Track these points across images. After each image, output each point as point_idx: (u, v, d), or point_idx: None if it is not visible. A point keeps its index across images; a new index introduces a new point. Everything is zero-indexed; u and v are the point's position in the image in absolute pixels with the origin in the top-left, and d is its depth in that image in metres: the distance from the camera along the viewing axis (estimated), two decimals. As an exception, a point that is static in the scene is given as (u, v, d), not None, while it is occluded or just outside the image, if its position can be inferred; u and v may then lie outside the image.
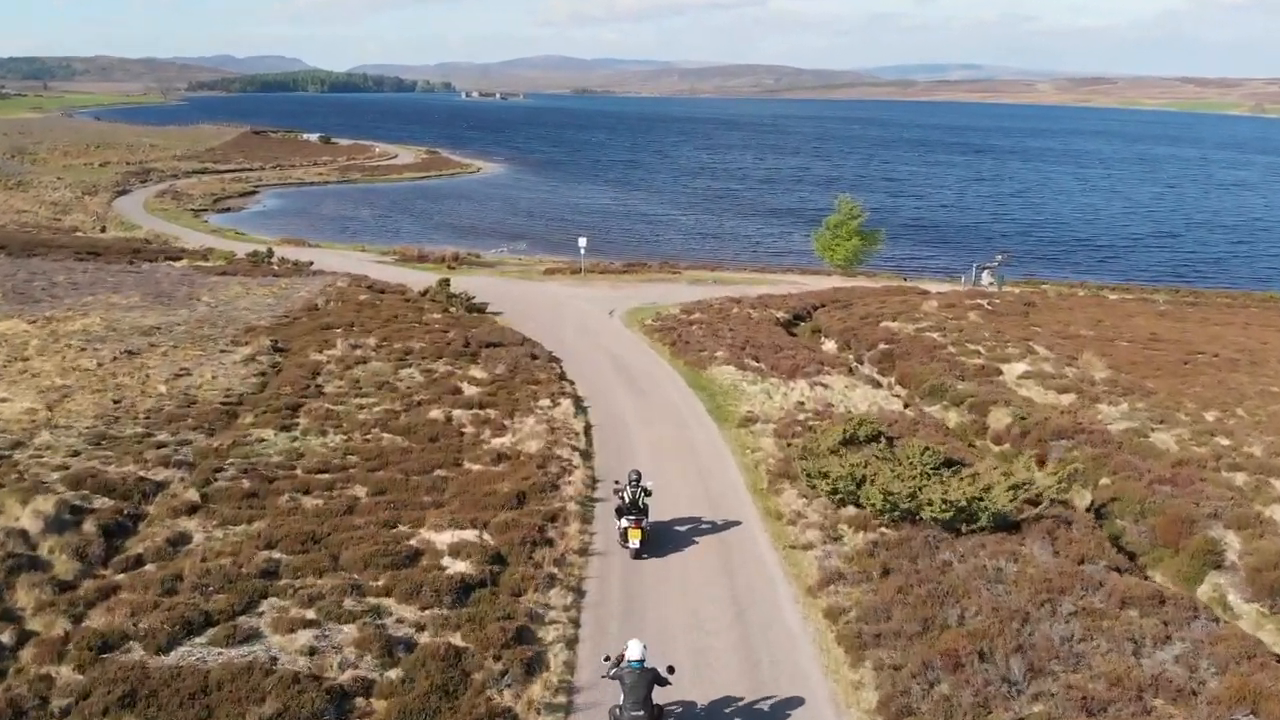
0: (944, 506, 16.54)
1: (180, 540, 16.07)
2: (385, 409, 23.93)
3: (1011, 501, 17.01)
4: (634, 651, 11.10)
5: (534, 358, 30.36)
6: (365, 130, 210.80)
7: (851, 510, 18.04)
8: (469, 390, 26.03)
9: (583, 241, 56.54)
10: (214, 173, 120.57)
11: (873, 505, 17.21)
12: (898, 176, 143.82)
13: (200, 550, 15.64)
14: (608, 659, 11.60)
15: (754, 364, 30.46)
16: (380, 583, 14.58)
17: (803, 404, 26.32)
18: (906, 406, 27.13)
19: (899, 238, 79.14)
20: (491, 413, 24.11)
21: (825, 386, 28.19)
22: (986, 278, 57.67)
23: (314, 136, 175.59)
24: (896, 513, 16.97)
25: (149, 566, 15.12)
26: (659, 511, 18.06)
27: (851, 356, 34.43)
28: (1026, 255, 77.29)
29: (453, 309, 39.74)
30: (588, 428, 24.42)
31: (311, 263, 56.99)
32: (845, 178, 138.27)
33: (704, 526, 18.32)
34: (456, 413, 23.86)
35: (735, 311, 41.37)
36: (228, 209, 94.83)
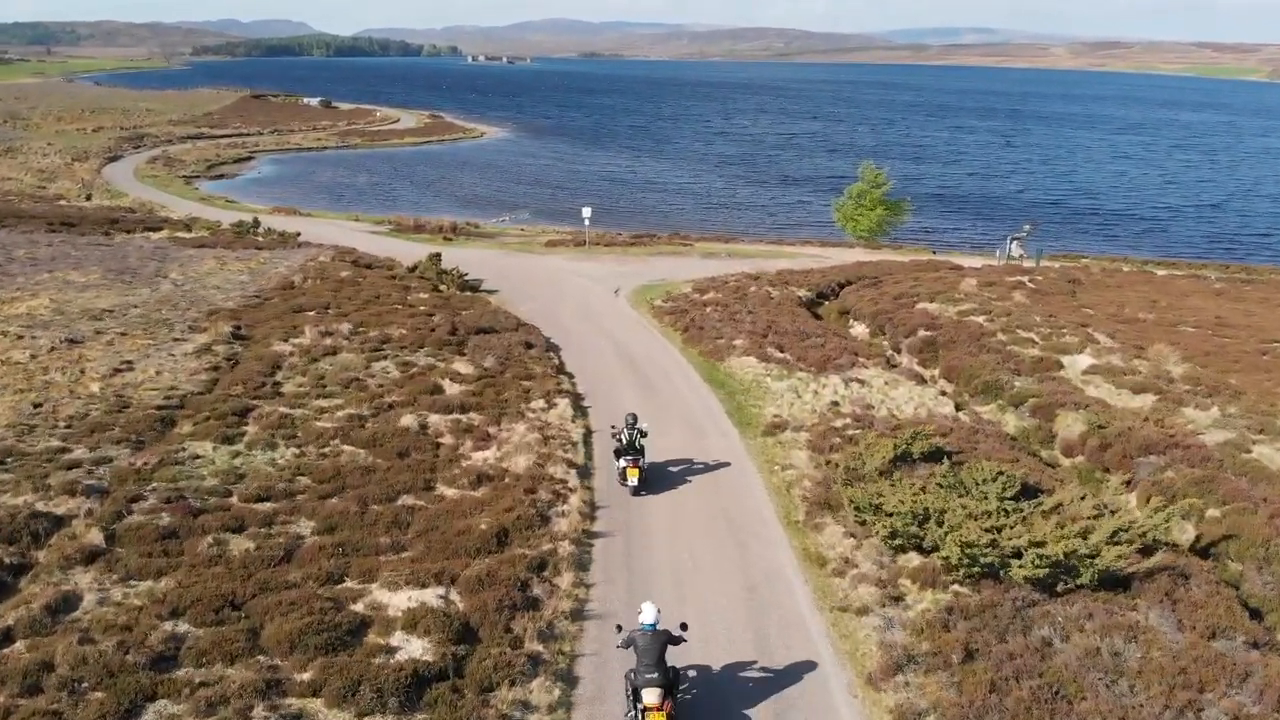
0: (1038, 562, 12.95)
1: (66, 604, 12.62)
2: (350, 414, 20.39)
3: (1120, 558, 13.39)
4: (647, 615, 10.91)
5: (529, 346, 26.76)
6: (369, 95, 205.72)
7: (914, 558, 14.47)
8: (451, 389, 22.45)
9: (587, 212, 52.71)
10: (210, 138, 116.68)
11: (945, 559, 13.62)
12: (919, 143, 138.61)
13: (86, 620, 12.20)
14: (620, 628, 11.39)
15: (778, 354, 26.78)
16: (307, 675, 11.11)
17: (838, 405, 22.66)
18: (959, 409, 23.42)
19: (923, 208, 74.76)
20: (475, 418, 20.56)
21: (862, 383, 24.50)
22: (1016, 249, 53.60)
23: (315, 101, 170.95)
24: (976, 568, 13.38)
25: (17, 646, 11.70)
26: (669, 546, 14.64)
27: (887, 344, 30.70)
28: (1062, 227, 73.01)
29: (443, 287, 36.14)
30: (587, 434, 20.88)
31: (299, 234, 53.46)
32: (863, 144, 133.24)
33: (728, 572, 14.80)
34: (434, 418, 20.31)
35: (753, 290, 37.61)
36: (221, 175, 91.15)
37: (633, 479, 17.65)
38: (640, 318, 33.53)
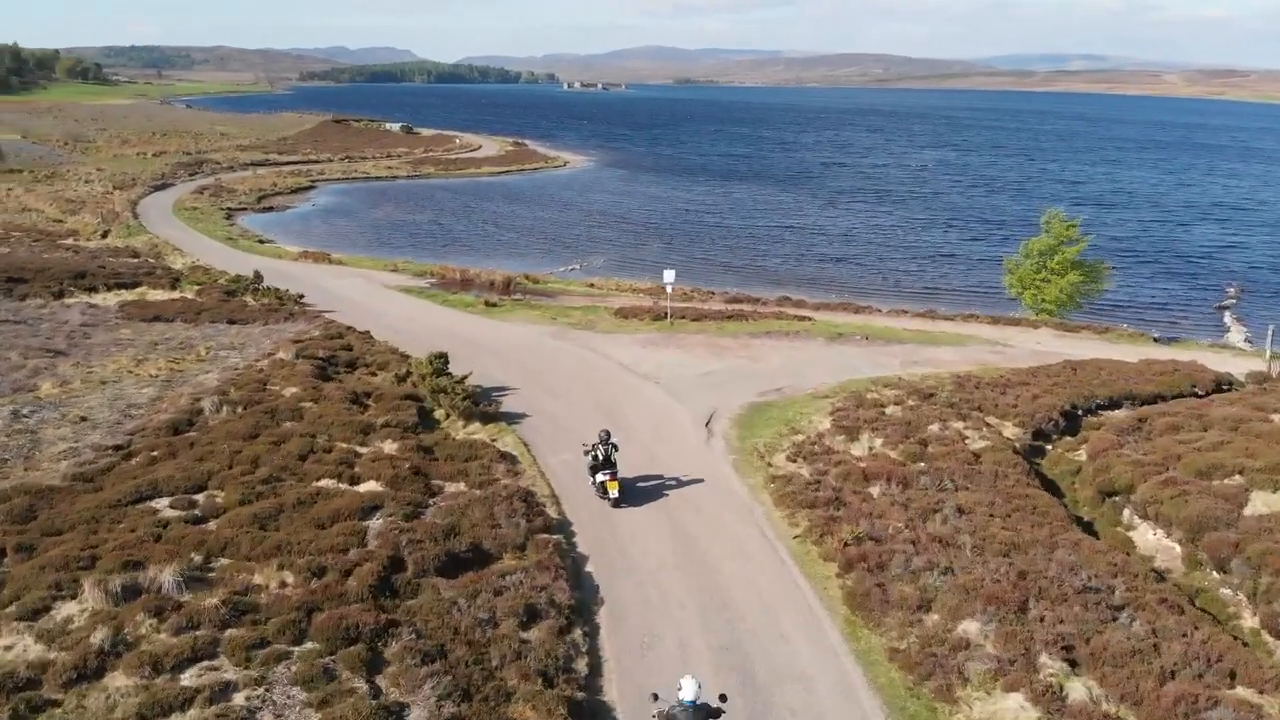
0: None
1: None
2: None
3: None
4: (688, 691, 10.11)
5: (532, 616, 13.17)
6: (460, 120, 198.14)
7: None
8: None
9: (669, 276, 39.34)
10: (275, 164, 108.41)
11: None
12: (1067, 177, 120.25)
13: None
14: (655, 697, 10.45)
15: (1071, 680, 12.37)
16: None
17: None
18: None
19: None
20: None
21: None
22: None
23: (396, 126, 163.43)
24: None
25: None
26: None
27: (1244, 601, 15.75)
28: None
29: (443, 409, 23.09)
30: None
31: (302, 296, 41.89)
32: (1005, 179, 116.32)
33: None
34: None
35: (935, 430, 23.24)
36: (270, 208, 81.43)
37: (614, 491, 17.91)
38: (751, 503, 19.28)
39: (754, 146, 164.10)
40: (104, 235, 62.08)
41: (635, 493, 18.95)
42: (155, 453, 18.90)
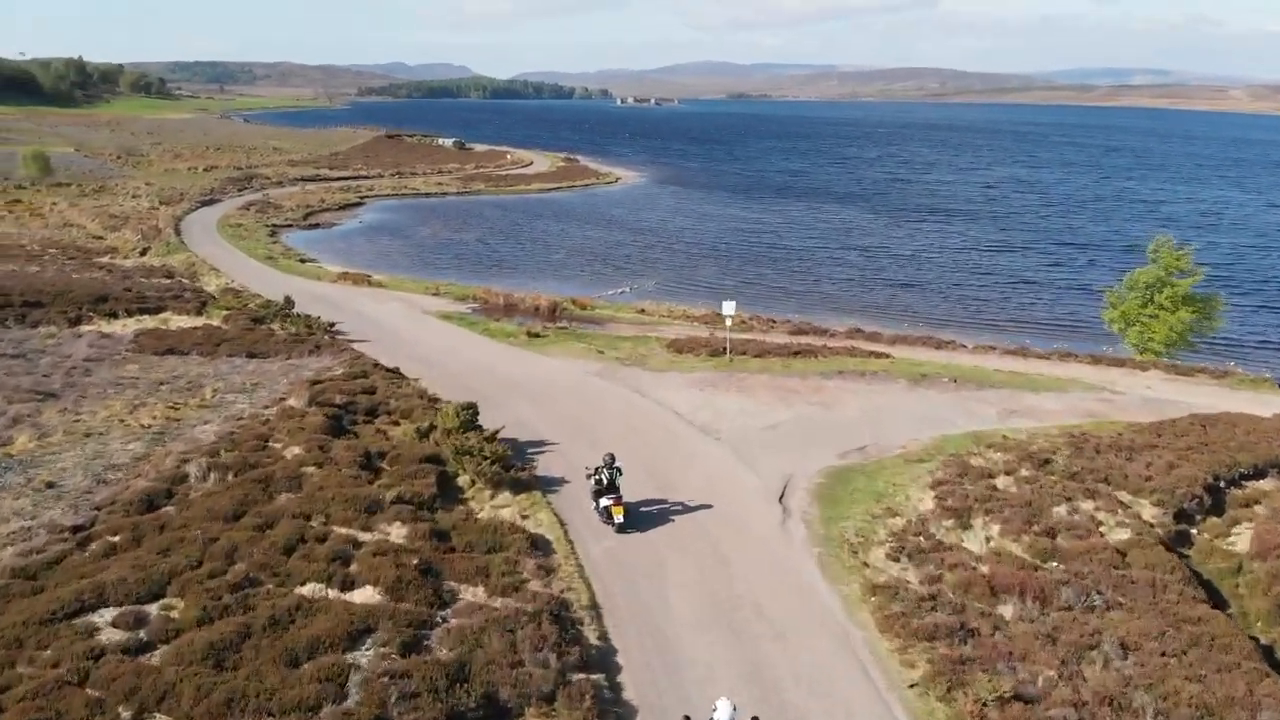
0: None
1: None
2: None
3: None
4: (723, 712, 9.98)
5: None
6: (514, 136, 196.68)
7: None
8: None
9: (729, 308, 35.58)
10: (324, 180, 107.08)
11: None
12: (1148, 196, 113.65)
13: None
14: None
15: None
16: None
17: None
18: None
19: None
20: None
21: None
22: None
23: (449, 141, 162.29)
24: None
25: None
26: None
27: None
28: None
29: (468, 475, 19.57)
30: None
31: (333, 325, 38.99)
32: (1078, 197, 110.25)
33: None
34: None
35: (1062, 513, 19.00)
36: (316, 225, 79.50)
37: (619, 516, 17.62)
38: (847, 625, 14.73)
39: (811, 161, 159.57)
40: (142, 253, 60.35)
41: (702, 603, 15.14)
42: (117, 537, 15.64)
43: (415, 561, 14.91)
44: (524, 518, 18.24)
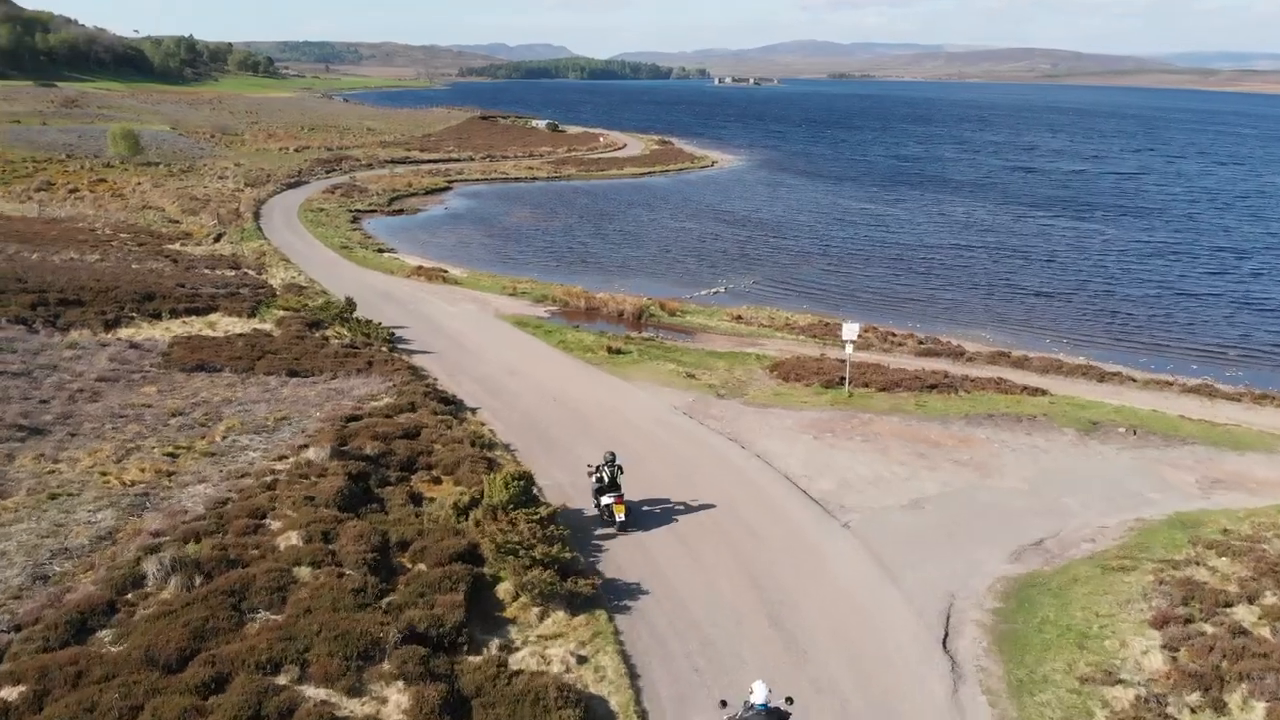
0: None
1: None
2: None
3: None
4: (759, 694, 10.08)
5: None
6: (610, 118, 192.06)
7: None
8: None
9: (850, 331, 29.49)
10: (414, 163, 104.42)
11: None
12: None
13: None
14: (724, 704, 10.52)
15: None
16: None
17: None
18: None
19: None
20: None
21: None
22: None
23: (542, 123, 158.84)
24: None
25: None
26: None
27: None
28: None
29: (511, 583, 14.48)
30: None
31: (393, 333, 34.67)
32: (1226, 192, 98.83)
33: None
34: None
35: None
36: (400, 210, 76.23)
37: (620, 515, 17.57)
38: None
39: (923, 146, 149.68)
40: (216, 239, 57.68)
41: None
42: (17, 690, 11.07)
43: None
44: (580, 660, 13.05)
